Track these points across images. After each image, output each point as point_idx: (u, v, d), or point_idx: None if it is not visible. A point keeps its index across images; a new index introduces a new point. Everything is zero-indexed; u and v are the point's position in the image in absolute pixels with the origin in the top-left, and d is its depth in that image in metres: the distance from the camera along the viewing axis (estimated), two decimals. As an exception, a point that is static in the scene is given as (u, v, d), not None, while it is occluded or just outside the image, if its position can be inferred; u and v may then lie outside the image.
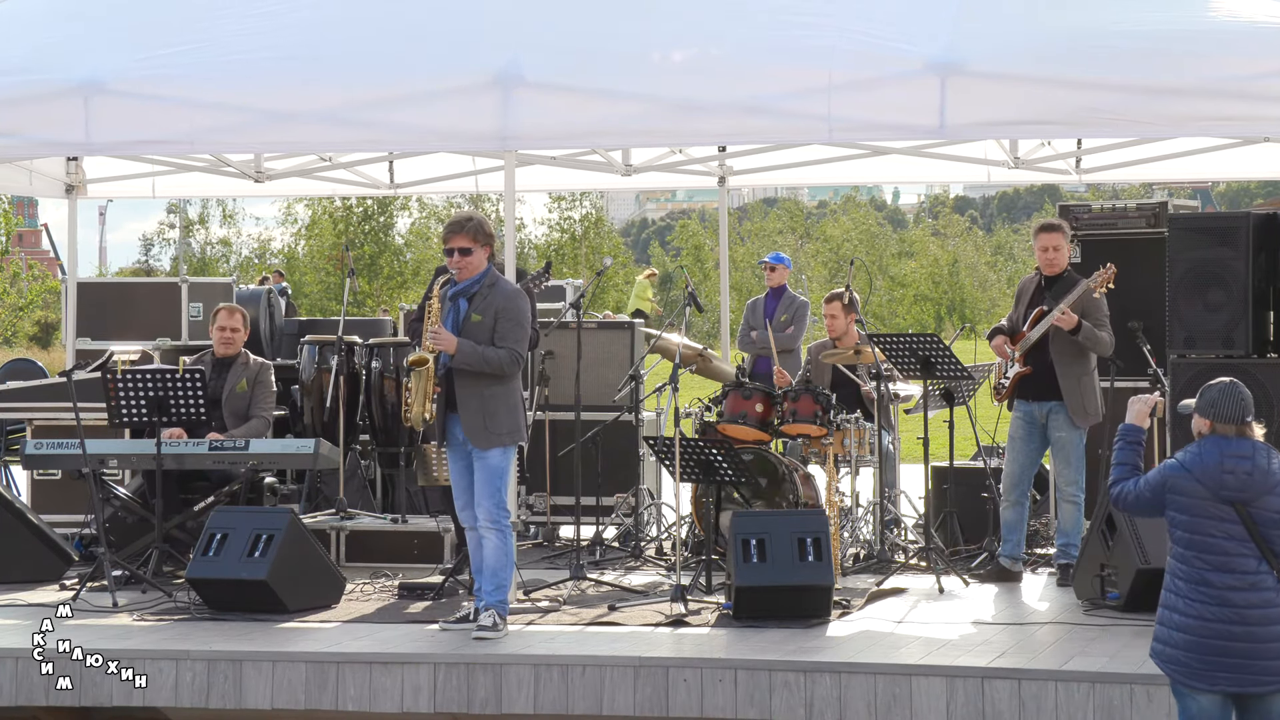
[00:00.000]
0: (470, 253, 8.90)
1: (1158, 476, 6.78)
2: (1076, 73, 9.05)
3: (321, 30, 10.14)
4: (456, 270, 8.91)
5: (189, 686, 8.65)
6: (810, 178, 15.66)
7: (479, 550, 9.01)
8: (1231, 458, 6.60)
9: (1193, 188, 33.54)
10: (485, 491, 8.90)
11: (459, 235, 8.90)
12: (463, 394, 8.87)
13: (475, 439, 8.88)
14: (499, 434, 8.91)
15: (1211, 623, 6.57)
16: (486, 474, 8.89)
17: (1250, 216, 10.15)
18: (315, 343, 11.94)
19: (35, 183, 13.65)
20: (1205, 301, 9.97)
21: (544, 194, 45.67)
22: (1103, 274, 10.53)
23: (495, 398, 8.91)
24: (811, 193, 67.77)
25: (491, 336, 8.89)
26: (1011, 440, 10.76)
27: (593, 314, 17.90)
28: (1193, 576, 6.65)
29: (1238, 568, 6.58)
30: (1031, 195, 62.63)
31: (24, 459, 11.03)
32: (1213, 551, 6.61)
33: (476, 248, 8.93)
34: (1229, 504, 6.59)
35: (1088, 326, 10.41)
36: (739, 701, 8.32)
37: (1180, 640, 6.64)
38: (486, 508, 8.90)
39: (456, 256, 8.90)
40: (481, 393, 8.88)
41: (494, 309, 8.92)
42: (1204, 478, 6.61)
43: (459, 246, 8.90)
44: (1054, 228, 10.79)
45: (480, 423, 8.89)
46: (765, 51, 9.47)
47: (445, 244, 8.94)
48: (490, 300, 8.95)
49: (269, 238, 53.48)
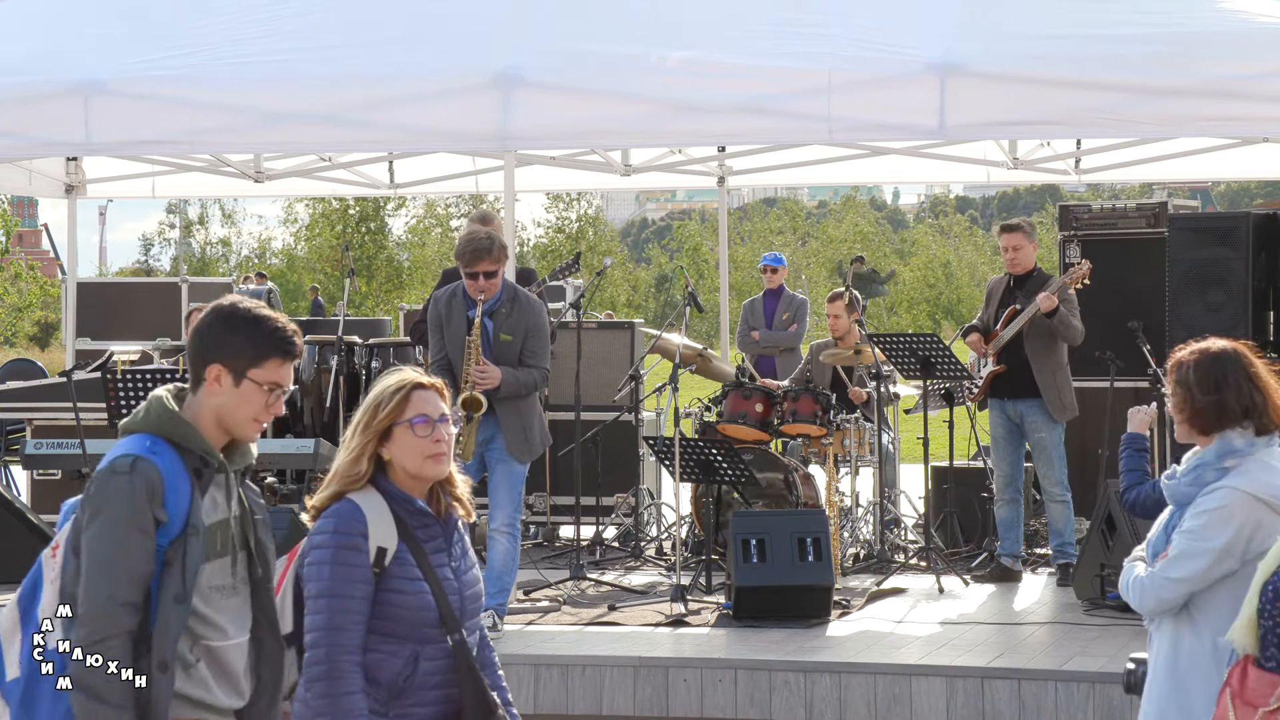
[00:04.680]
0: (495, 274, 8.87)
1: None
2: (1076, 73, 9.05)
3: (321, 30, 10.14)
4: (483, 293, 8.85)
5: (189, 686, 8.63)
6: (810, 178, 15.69)
7: None
8: None
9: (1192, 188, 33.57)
10: (509, 497, 8.96)
11: (485, 260, 8.78)
12: (503, 410, 8.90)
13: (518, 453, 8.97)
14: (535, 445, 9.07)
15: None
16: (512, 481, 8.97)
17: (1250, 216, 10.16)
18: (315, 343, 11.93)
19: (35, 183, 13.67)
20: (1205, 301, 9.98)
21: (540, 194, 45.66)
22: (1078, 270, 10.53)
23: (530, 411, 9.04)
24: (811, 193, 67.80)
25: (520, 354, 8.91)
26: (995, 441, 10.77)
27: (593, 314, 17.92)
28: None
29: None
30: (1031, 195, 62.61)
31: (24, 459, 11.03)
32: None
33: (500, 267, 8.92)
34: None
35: (1063, 311, 10.41)
36: (739, 701, 8.33)
37: None
38: (508, 512, 8.94)
39: (482, 280, 8.83)
40: (519, 408, 8.97)
41: (524, 327, 8.91)
42: None
43: (485, 271, 8.81)
44: (1013, 228, 10.83)
45: (522, 437, 8.97)
46: (765, 52, 9.47)
47: (469, 268, 8.78)
48: (518, 318, 8.92)
49: (269, 237, 53.57)
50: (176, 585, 4.05)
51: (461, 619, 4.62)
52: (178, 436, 4.13)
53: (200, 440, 4.15)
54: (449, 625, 4.58)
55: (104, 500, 4.06)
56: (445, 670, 4.57)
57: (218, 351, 4.18)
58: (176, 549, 4.05)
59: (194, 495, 4.10)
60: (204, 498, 4.12)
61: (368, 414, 4.63)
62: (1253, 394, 5.00)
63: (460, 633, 4.60)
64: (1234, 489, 4.92)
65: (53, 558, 4.18)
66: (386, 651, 4.53)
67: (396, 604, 4.53)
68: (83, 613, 4.02)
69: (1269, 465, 5.00)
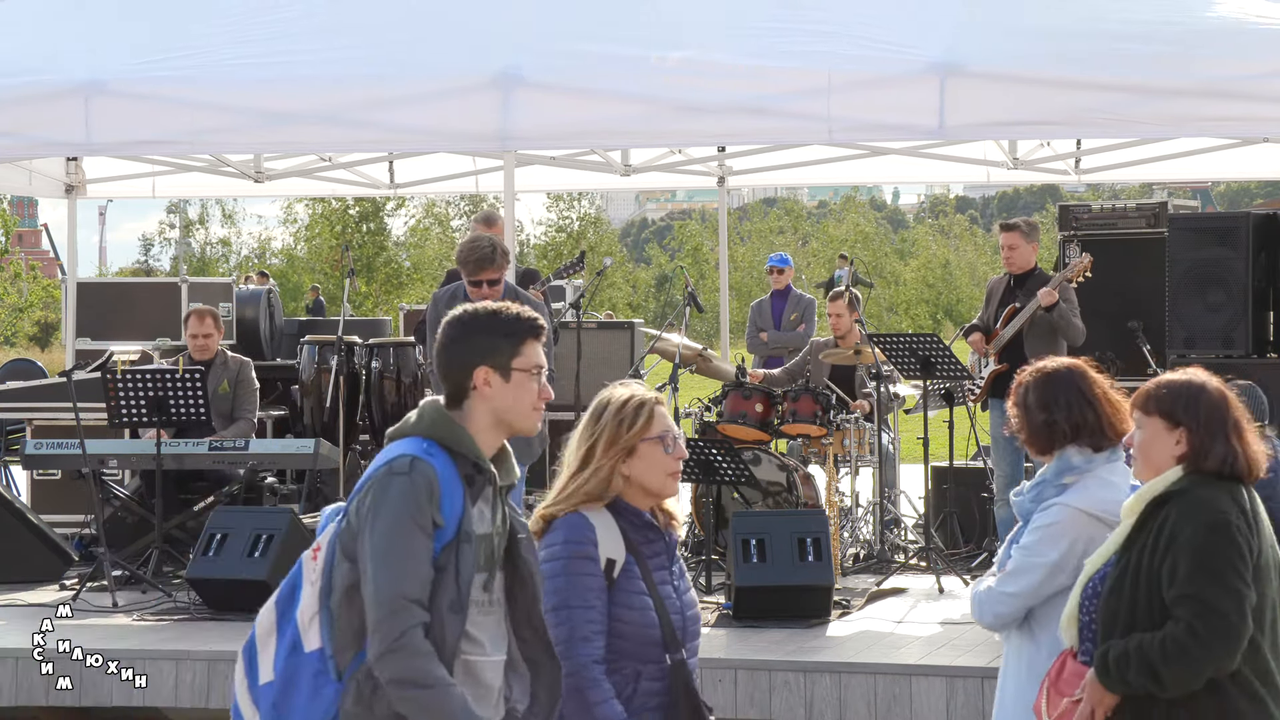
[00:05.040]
0: (498, 281, 8.89)
1: None
2: (1076, 73, 9.05)
3: (322, 30, 10.14)
4: (487, 299, 8.84)
5: (189, 686, 8.65)
6: (810, 178, 15.68)
7: None
8: None
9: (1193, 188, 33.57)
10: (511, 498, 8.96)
11: (489, 269, 8.82)
12: None
13: (519, 455, 8.94)
14: (535, 447, 9.11)
15: None
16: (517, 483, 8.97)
17: (1250, 216, 10.17)
18: (315, 343, 11.93)
19: (35, 183, 13.66)
20: (1205, 301, 9.99)
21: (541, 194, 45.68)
22: (1079, 264, 10.53)
23: None
24: (811, 193, 67.79)
25: None
26: (995, 441, 10.75)
27: (593, 314, 17.92)
28: None
29: None
30: (1031, 195, 62.66)
31: (24, 459, 11.02)
32: None
33: (503, 274, 8.94)
34: None
35: (1063, 306, 10.40)
36: (739, 701, 8.32)
37: None
38: None
39: (486, 288, 8.85)
40: None
41: None
42: None
43: (489, 279, 8.84)
44: (1011, 227, 10.84)
45: (524, 441, 8.95)
46: (765, 52, 9.47)
47: (473, 276, 8.83)
48: None
49: (269, 237, 53.58)
50: (451, 593, 3.97)
51: (683, 639, 4.53)
52: (452, 441, 4.08)
53: (474, 446, 4.11)
54: (670, 645, 4.49)
55: (386, 500, 3.98)
56: (664, 691, 4.48)
57: (477, 356, 4.14)
58: (449, 555, 3.98)
59: (466, 502, 4.05)
60: (473, 506, 4.07)
61: (609, 431, 4.58)
62: (1084, 412, 5.07)
63: (681, 652, 4.51)
64: (1067, 506, 4.98)
65: (314, 560, 4.09)
66: (610, 669, 4.44)
67: (623, 619, 4.46)
68: (376, 617, 3.92)
69: (1107, 481, 5.05)
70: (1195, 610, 4.45)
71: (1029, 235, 10.85)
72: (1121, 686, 4.52)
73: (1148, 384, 4.88)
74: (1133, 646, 4.51)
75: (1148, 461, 4.71)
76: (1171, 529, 4.55)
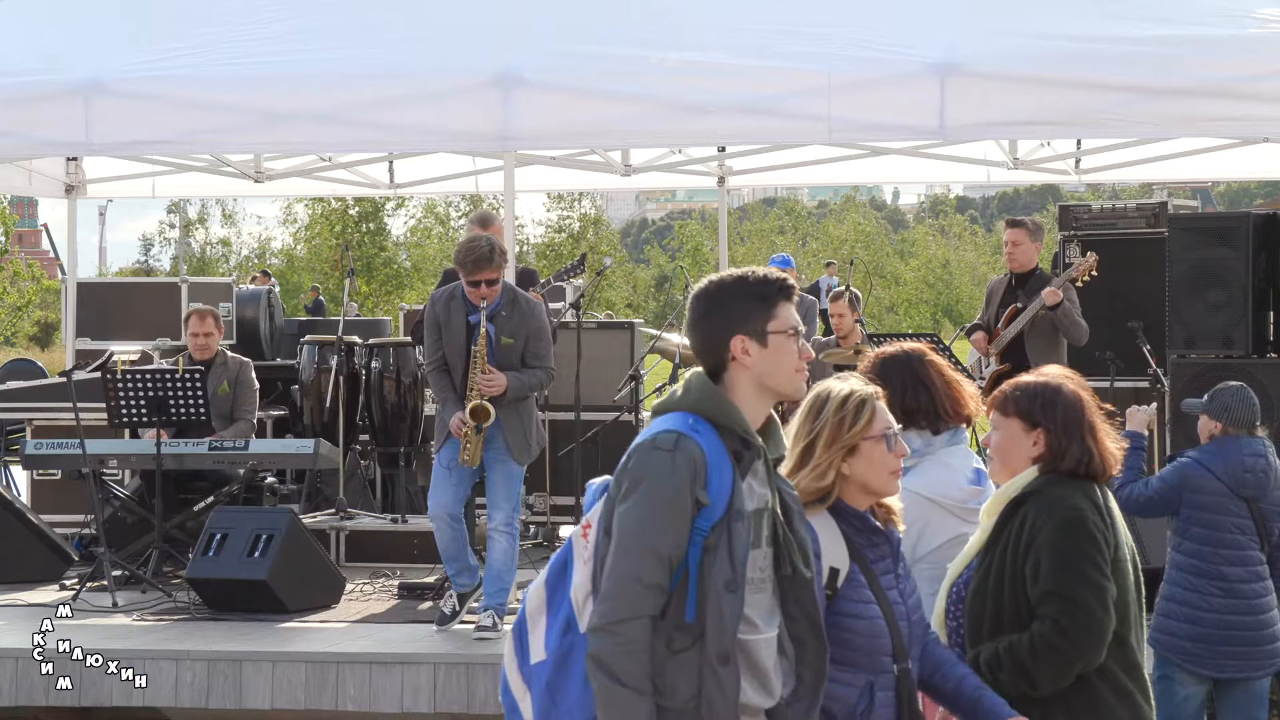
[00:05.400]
0: (496, 282, 8.87)
1: (1176, 475, 6.97)
2: (1076, 73, 9.06)
3: (321, 31, 10.15)
4: (484, 299, 8.84)
5: (189, 686, 8.64)
6: (810, 178, 15.67)
7: (455, 541, 8.99)
8: (1249, 456, 6.90)
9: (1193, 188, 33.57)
10: (506, 495, 8.95)
11: (487, 269, 8.76)
12: (505, 412, 8.88)
13: (519, 454, 8.96)
14: (534, 446, 9.07)
15: (1225, 614, 6.87)
16: (510, 481, 8.97)
17: (1250, 216, 10.15)
18: (315, 343, 11.92)
19: (35, 183, 13.66)
20: (1205, 301, 9.97)
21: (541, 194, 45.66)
22: (1084, 263, 10.53)
23: (530, 413, 9.05)
24: (811, 193, 67.74)
25: (523, 356, 8.91)
26: None
27: (593, 314, 17.91)
28: (1208, 571, 6.87)
29: (1249, 560, 6.88)
30: (1031, 195, 62.67)
31: (24, 459, 11.02)
32: (1229, 546, 6.90)
33: (501, 274, 8.93)
34: (1244, 500, 6.87)
35: (1067, 305, 10.40)
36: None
37: (1190, 631, 6.86)
38: (506, 511, 8.92)
39: (484, 289, 8.82)
40: (520, 410, 8.96)
41: (525, 331, 8.92)
42: (1225, 475, 6.89)
43: (487, 279, 8.81)
44: (1016, 224, 10.90)
45: (523, 439, 8.97)
46: (765, 52, 9.48)
47: (471, 276, 8.77)
48: (518, 321, 8.92)
49: (269, 238, 53.58)
50: (726, 572, 3.83)
51: (910, 646, 4.33)
52: (720, 415, 3.93)
53: (742, 420, 3.94)
54: (898, 653, 4.28)
55: (643, 474, 3.87)
56: (893, 702, 4.27)
57: (732, 325, 3.98)
58: (719, 533, 3.85)
59: (735, 478, 3.90)
60: (743, 482, 3.92)
61: (829, 428, 4.36)
62: (917, 395, 5.08)
63: (908, 661, 4.30)
64: (903, 489, 4.96)
65: (584, 537, 3.98)
66: (842, 681, 4.21)
67: (852, 629, 4.25)
68: (606, 589, 3.83)
69: (946, 464, 5.08)
70: (1060, 607, 4.46)
71: (1034, 234, 10.86)
72: (995, 689, 4.48)
73: (1004, 385, 4.89)
74: (1003, 648, 4.51)
75: (1005, 463, 4.73)
76: (1030, 529, 4.55)
